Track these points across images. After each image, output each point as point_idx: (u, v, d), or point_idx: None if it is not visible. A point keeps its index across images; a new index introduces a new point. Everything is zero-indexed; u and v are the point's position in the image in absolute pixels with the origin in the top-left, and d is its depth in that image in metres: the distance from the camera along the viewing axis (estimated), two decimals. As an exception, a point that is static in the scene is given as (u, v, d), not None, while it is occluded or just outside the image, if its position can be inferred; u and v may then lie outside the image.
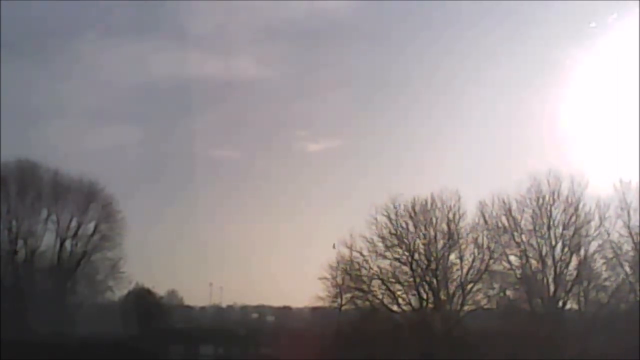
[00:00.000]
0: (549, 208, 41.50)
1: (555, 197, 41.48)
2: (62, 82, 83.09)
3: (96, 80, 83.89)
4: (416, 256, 42.22)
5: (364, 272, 42.89)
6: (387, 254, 42.49)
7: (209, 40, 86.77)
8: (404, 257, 42.31)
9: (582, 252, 41.12)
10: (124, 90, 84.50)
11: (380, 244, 42.49)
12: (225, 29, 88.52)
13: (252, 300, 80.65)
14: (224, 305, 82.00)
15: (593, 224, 40.91)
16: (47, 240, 49.91)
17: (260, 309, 79.27)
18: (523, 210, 41.96)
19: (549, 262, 41.13)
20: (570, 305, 41.82)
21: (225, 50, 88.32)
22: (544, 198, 41.55)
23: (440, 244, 42.28)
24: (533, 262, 41.71)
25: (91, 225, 51.00)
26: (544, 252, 41.32)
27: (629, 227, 40.27)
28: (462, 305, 42.06)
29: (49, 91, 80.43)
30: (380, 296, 42.90)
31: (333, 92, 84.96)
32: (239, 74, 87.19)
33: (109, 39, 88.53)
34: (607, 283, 41.17)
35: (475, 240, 42.21)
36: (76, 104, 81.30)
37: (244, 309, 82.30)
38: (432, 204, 42.55)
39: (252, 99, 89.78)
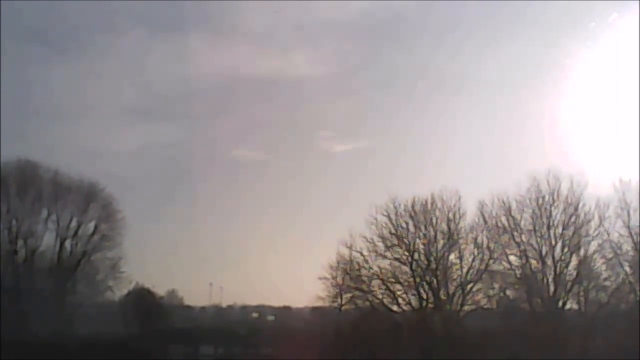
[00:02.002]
0: (548, 208, 41.50)
1: (555, 197, 41.48)
2: (102, 81, 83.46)
3: (138, 79, 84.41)
4: (416, 256, 42.22)
5: (364, 272, 42.93)
6: (387, 253, 42.54)
7: (260, 38, 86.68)
8: (404, 257, 42.32)
9: (581, 252, 41.12)
10: (166, 88, 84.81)
11: (380, 244, 42.58)
12: (279, 26, 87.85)
13: (252, 300, 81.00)
14: (224, 305, 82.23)
15: (593, 223, 40.95)
16: (47, 240, 49.99)
17: (260, 309, 79.34)
18: (523, 210, 42.00)
19: (549, 262, 41.12)
20: (570, 305, 41.83)
21: (278, 48, 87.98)
22: (543, 198, 41.56)
23: (440, 243, 42.30)
24: (533, 262, 41.70)
25: (91, 225, 51.10)
26: (543, 252, 41.32)
27: (628, 227, 40.27)
28: (462, 305, 42.06)
29: (87, 90, 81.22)
30: (380, 296, 42.93)
31: (373, 91, 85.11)
32: (287, 73, 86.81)
33: (155, 37, 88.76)
34: (607, 283, 41.16)
35: (475, 240, 42.26)
36: (112, 103, 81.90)
37: (244, 309, 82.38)
38: (432, 204, 42.60)
39: (292, 98, 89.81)
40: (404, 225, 42.48)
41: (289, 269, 72.86)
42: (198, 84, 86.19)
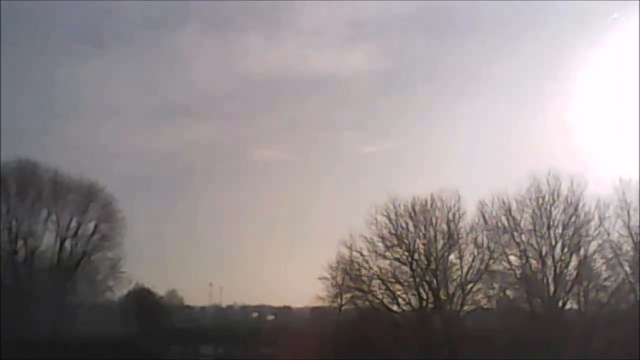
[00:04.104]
0: (548, 208, 41.44)
1: (555, 197, 41.42)
2: (143, 78, 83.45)
3: (182, 76, 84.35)
4: (416, 256, 42.17)
5: (364, 272, 42.85)
6: (387, 254, 42.46)
7: (311, 36, 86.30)
8: (404, 257, 42.27)
9: (582, 252, 41.05)
10: (210, 87, 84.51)
11: (380, 244, 42.49)
12: (331, 24, 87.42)
13: (252, 300, 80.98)
14: (224, 305, 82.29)
15: (593, 223, 40.85)
16: (47, 240, 50.08)
17: (260, 309, 79.38)
18: (523, 210, 41.92)
19: (549, 262, 41.08)
20: (570, 305, 41.76)
21: (328, 46, 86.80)
22: (543, 198, 41.50)
23: (440, 244, 42.23)
24: (533, 262, 41.66)
25: (91, 225, 51.18)
26: (543, 252, 41.26)
27: (628, 227, 40.23)
28: (462, 305, 42.01)
29: (125, 87, 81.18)
30: (380, 296, 42.86)
31: (411, 91, 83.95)
32: (335, 71, 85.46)
33: (204, 34, 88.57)
34: (607, 283, 41.09)
35: (475, 240, 42.18)
36: (148, 102, 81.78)
37: (244, 309, 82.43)
38: (432, 204, 42.54)
39: (333, 97, 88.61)
40: (403, 225, 42.44)
41: (289, 269, 72.79)
42: (244, 82, 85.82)
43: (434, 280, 42.06)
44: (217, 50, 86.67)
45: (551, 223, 41.34)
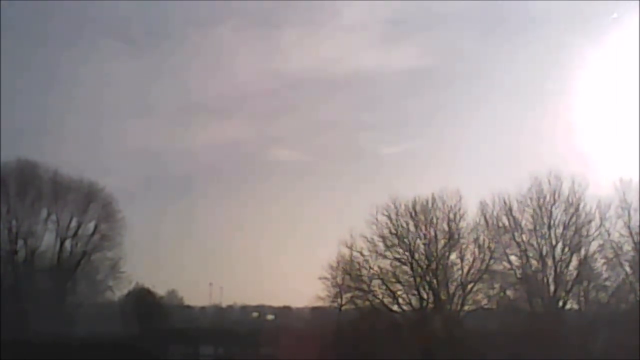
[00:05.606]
0: (549, 208, 41.51)
1: (556, 197, 41.49)
2: (172, 77, 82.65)
3: (213, 75, 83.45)
4: (416, 256, 42.21)
5: (364, 272, 42.92)
6: (388, 253, 42.53)
7: (349, 34, 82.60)
8: (405, 257, 42.30)
9: (582, 252, 41.13)
10: (239, 85, 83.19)
11: (380, 244, 42.57)
12: (369, 22, 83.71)
13: (252, 300, 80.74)
14: (224, 305, 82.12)
15: (593, 224, 40.97)
16: (47, 240, 50.00)
17: (260, 309, 79.24)
18: (524, 210, 42.01)
19: (549, 262, 41.12)
20: (571, 305, 41.84)
21: (366, 45, 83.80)
22: (544, 198, 41.57)
23: (441, 243, 42.26)
24: (533, 262, 41.71)
25: (91, 225, 51.09)
26: (544, 252, 41.31)
27: (629, 227, 40.27)
28: (462, 305, 42.04)
29: (156, 88, 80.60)
30: (380, 296, 42.92)
31: (439, 90, 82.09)
32: (370, 70, 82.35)
33: (241, 33, 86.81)
34: (607, 283, 41.16)
35: (476, 240, 42.23)
36: (175, 101, 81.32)
37: (244, 309, 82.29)
38: (432, 204, 42.59)
39: (362, 97, 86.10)
40: (404, 225, 42.49)
41: (289, 269, 72.64)
42: (277, 81, 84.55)
43: (435, 280, 42.08)
44: (253, 49, 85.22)
45: (552, 223, 41.41)
